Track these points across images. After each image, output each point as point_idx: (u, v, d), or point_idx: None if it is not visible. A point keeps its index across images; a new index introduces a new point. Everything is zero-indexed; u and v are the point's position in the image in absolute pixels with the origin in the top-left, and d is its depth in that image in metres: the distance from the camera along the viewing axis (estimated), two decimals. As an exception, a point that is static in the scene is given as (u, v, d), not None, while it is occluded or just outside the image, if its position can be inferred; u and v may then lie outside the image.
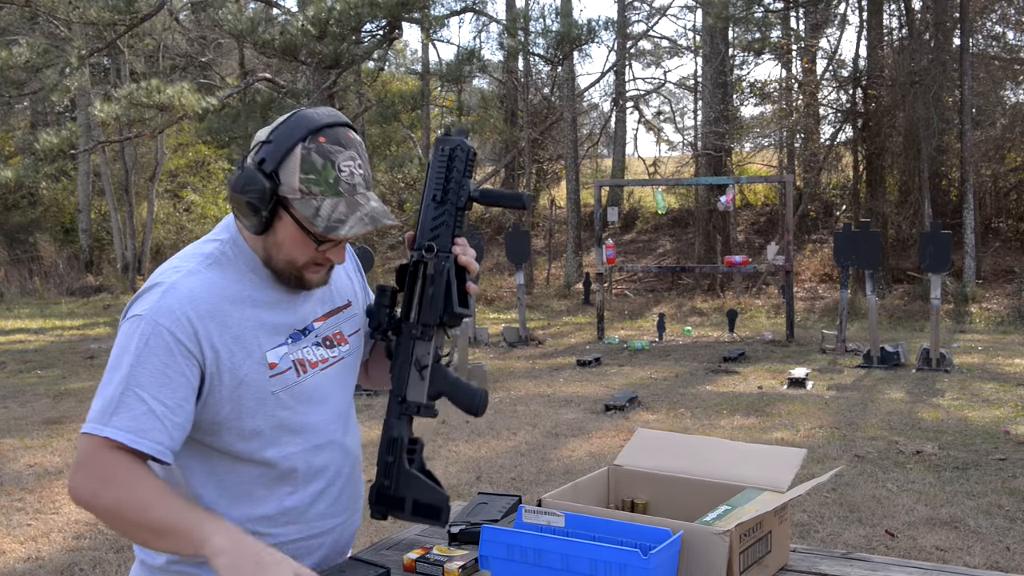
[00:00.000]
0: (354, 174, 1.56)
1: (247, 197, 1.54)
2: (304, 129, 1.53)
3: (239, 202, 1.55)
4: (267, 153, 1.54)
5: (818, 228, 18.22)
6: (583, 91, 23.05)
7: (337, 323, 1.77)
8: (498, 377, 9.33)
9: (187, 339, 1.55)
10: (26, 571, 4.48)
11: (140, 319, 1.55)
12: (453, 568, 1.84)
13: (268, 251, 1.61)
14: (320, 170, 1.53)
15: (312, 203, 1.54)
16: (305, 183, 1.53)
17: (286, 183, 1.54)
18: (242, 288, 1.63)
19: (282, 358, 1.65)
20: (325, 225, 1.54)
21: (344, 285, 1.82)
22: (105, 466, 1.51)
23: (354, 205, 1.55)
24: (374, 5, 12.82)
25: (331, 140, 1.55)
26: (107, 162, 20.31)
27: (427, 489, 1.74)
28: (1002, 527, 4.81)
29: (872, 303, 9.92)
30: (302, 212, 1.54)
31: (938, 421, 7.12)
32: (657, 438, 2.24)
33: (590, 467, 5.78)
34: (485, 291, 16.40)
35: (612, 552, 1.60)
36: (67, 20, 14.11)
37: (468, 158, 1.68)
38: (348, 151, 1.56)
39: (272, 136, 1.55)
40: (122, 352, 1.54)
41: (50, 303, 17.27)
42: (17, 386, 9.46)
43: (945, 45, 15.71)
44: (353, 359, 1.81)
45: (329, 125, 1.56)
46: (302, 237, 1.58)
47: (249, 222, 1.57)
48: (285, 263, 1.61)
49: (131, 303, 1.60)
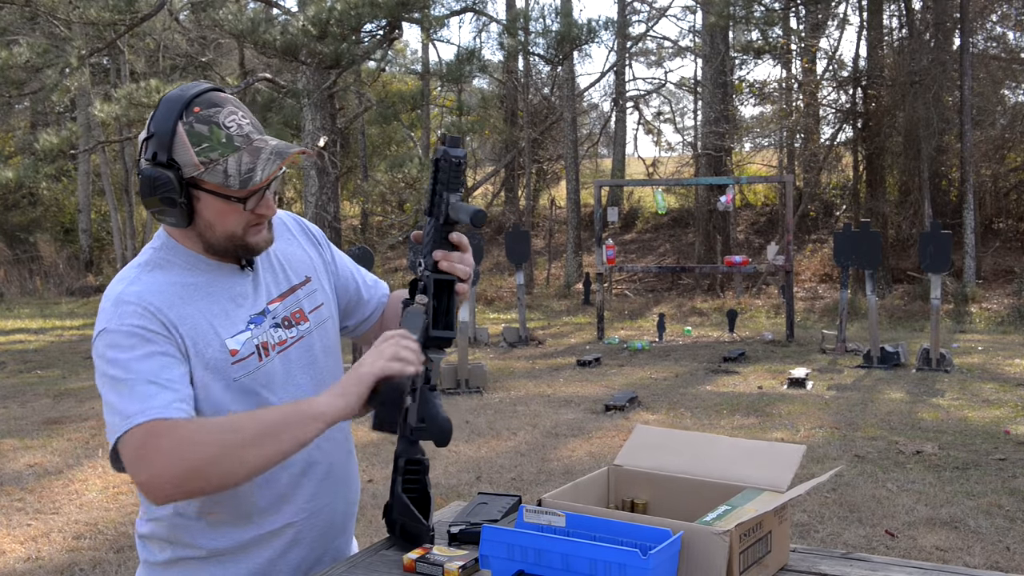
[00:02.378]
0: (241, 125, 1.57)
1: (159, 194, 1.54)
2: (176, 108, 1.54)
3: (155, 204, 1.55)
4: (155, 146, 1.54)
5: (818, 228, 18.22)
6: (583, 91, 23.07)
7: (296, 301, 1.75)
8: (498, 377, 9.34)
9: (157, 327, 1.56)
10: (26, 571, 4.48)
11: (107, 332, 1.55)
12: (453, 568, 1.84)
13: (204, 237, 1.61)
14: (209, 136, 1.53)
15: (218, 168, 1.54)
16: (201, 154, 1.53)
17: (185, 163, 1.54)
18: (189, 282, 1.63)
19: (244, 344, 1.65)
20: (239, 180, 1.54)
21: (301, 261, 1.80)
22: (169, 440, 1.47)
23: (255, 151, 1.56)
24: (374, 5, 12.82)
25: (205, 106, 1.55)
26: (107, 162, 20.32)
27: (412, 517, 1.75)
28: (1002, 527, 4.81)
29: (872, 303, 9.92)
30: (213, 181, 1.54)
31: (938, 421, 7.12)
32: (656, 435, 2.24)
33: (590, 467, 5.78)
34: (485, 291, 16.40)
35: (612, 552, 1.60)
36: (67, 20, 14.11)
37: (451, 168, 1.67)
38: (226, 108, 1.56)
39: (152, 129, 1.55)
40: (109, 366, 1.53)
41: (50, 303, 17.28)
42: (17, 386, 9.47)
43: (945, 45, 15.71)
44: (318, 335, 1.78)
45: (197, 95, 1.56)
46: (226, 206, 1.57)
47: (173, 218, 1.57)
48: (225, 239, 1.61)
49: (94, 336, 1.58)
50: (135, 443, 1.48)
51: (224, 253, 1.64)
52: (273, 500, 1.70)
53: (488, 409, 7.88)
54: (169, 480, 1.47)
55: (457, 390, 8.61)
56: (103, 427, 7.69)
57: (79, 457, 6.52)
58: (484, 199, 22.61)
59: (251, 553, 1.70)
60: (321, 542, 1.79)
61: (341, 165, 19.79)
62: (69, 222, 22.25)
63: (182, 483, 1.48)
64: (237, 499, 1.66)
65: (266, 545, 1.70)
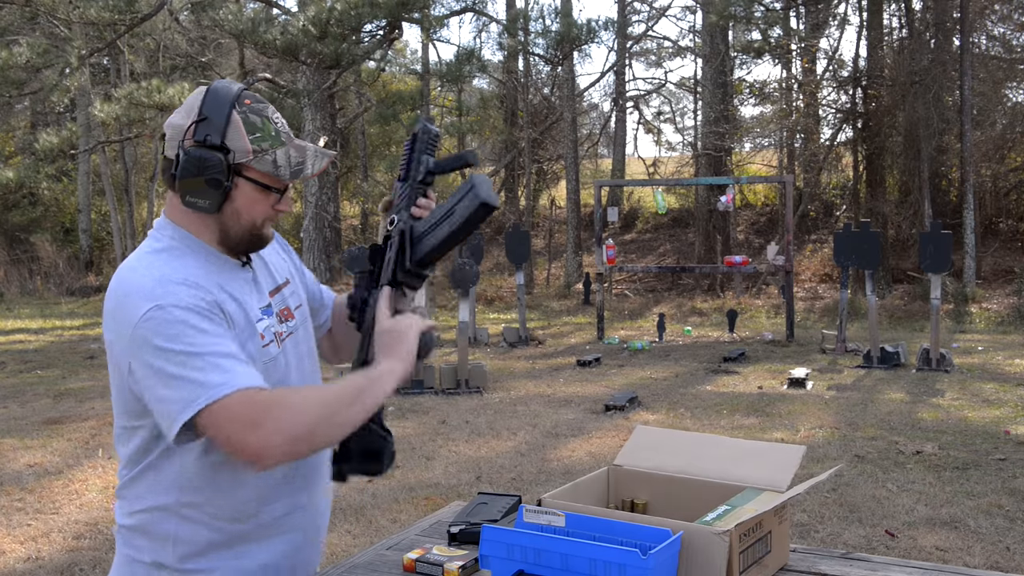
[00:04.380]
0: (284, 124, 1.68)
1: (207, 175, 1.59)
2: (230, 97, 1.61)
3: (196, 184, 1.59)
4: (207, 129, 1.59)
5: (818, 228, 18.22)
6: (583, 91, 23.06)
7: (283, 299, 1.81)
8: (498, 377, 9.34)
9: (211, 305, 1.59)
10: (26, 571, 4.48)
11: (161, 309, 1.54)
12: (453, 568, 1.84)
13: (224, 225, 1.65)
14: (261, 127, 1.62)
15: (267, 158, 1.62)
16: (255, 142, 1.61)
17: (238, 149, 1.60)
18: (212, 270, 1.66)
19: (265, 331, 1.71)
20: (290, 172, 1.64)
21: (280, 263, 1.87)
22: (262, 403, 1.52)
23: (301, 148, 1.66)
24: (374, 5, 12.82)
25: (254, 100, 1.65)
26: (107, 162, 20.31)
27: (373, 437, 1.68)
28: (1002, 527, 4.81)
29: (872, 303, 9.92)
30: (262, 169, 1.62)
31: (938, 421, 7.12)
32: (656, 435, 2.24)
33: (590, 467, 5.78)
34: (485, 291, 16.40)
35: (611, 552, 1.60)
36: (67, 20, 14.11)
37: (429, 139, 1.75)
38: (269, 106, 1.67)
39: (204, 113, 1.60)
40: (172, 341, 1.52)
41: (50, 303, 17.28)
42: (17, 386, 9.47)
43: (945, 45, 15.71)
44: (303, 332, 1.85)
45: (243, 89, 1.65)
46: (258, 196, 1.64)
47: (209, 200, 1.61)
48: (248, 228, 1.66)
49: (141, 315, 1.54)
50: (234, 411, 1.50)
51: (236, 245, 1.68)
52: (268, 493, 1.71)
53: (488, 409, 7.88)
54: (282, 444, 1.51)
55: (457, 390, 8.61)
56: (103, 427, 7.69)
57: (79, 457, 6.52)
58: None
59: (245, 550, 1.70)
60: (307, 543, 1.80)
61: (341, 165, 19.80)
62: (69, 222, 22.25)
63: (293, 446, 1.52)
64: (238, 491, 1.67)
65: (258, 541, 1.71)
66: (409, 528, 2.19)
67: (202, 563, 1.66)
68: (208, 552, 1.67)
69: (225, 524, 1.67)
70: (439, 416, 7.64)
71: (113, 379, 1.66)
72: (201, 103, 1.61)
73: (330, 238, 17.76)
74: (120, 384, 1.62)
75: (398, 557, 2.00)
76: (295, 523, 1.76)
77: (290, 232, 19.17)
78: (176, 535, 1.66)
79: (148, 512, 1.67)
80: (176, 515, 1.65)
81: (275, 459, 1.53)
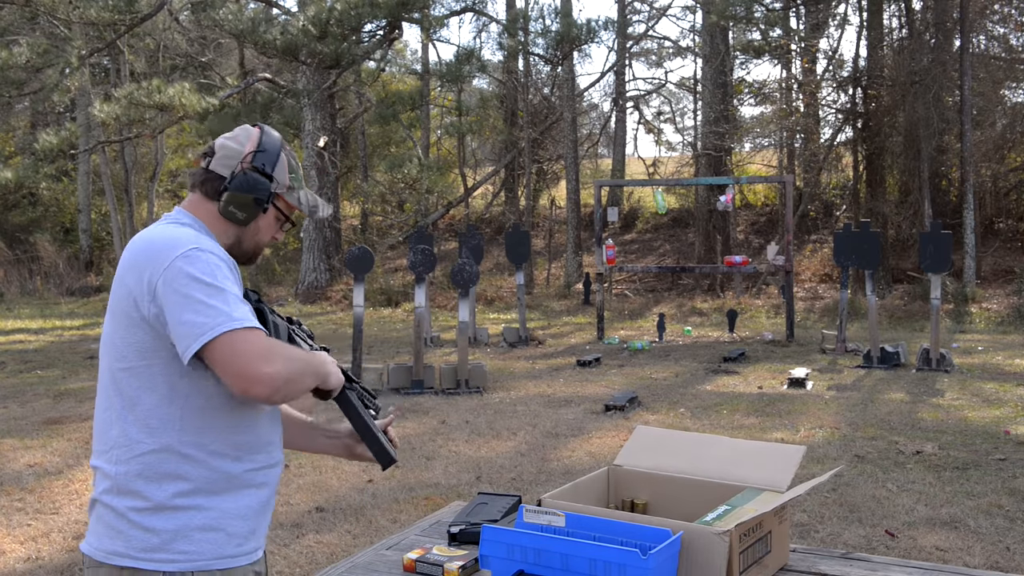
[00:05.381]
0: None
1: (255, 195, 1.90)
2: (279, 141, 1.98)
3: (244, 200, 1.90)
4: (264, 160, 1.93)
5: (818, 228, 18.22)
6: (583, 91, 23.05)
7: None
8: (498, 377, 9.34)
9: (232, 269, 1.84)
10: (26, 571, 4.48)
11: (200, 251, 1.77)
12: (453, 568, 1.84)
13: (241, 237, 1.94)
14: (296, 170, 2.00)
15: (295, 194, 1.99)
16: (291, 180, 1.98)
17: (280, 181, 1.96)
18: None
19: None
20: (309, 209, 2.01)
21: None
22: (271, 344, 1.74)
23: (313, 195, 2.04)
24: (374, 5, 12.82)
25: (288, 149, 2.01)
26: (107, 162, 20.31)
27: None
28: (1002, 527, 4.81)
29: (872, 303, 9.92)
30: (290, 201, 1.98)
31: (938, 421, 7.12)
32: (657, 435, 2.24)
33: (590, 467, 5.78)
34: (485, 291, 16.39)
35: (611, 552, 1.60)
36: (67, 20, 14.10)
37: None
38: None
39: (263, 146, 1.94)
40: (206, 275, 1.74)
41: (50, 303, 17.28)
42: (17, 386, 9.47)
43: (945, 45, 15.71)
44: None
45: (282, 138, 2.01)
46: (275, 222, 1.99)
47: (246, 215, 1.91)
48: (257, 244, 1.98)
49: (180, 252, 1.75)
50: (251, 342, 1.70)
51: (239, 255, 1.95)
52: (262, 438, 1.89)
53: (488, 409, 7.88)
54: (283, 381, 1.71)
55: (457, 390, 8.61)
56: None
57: (79, 457, 6.52)
58: (484, 199, 22.62)
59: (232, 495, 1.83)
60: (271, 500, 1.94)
61: (341, 165, 19.78)
62: (69, 222, 22.24)
63: (287, 386, 1.73)
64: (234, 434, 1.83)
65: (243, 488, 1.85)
66: (409, 528, 2.19)
67: (195, 500, 1.79)
68: (199, 492, 1.80)
69: (221, 463, 1.81)
70: (439, 416, 7.64)
71: (117, 324, 1.81)
72: (259, 138, 1.94)
73: (330, 238, 17.75)
74: (129, 324, 1.78)
75: (398, 557, 2.00)
76: (271, 478, 1.91)
77: (290, 232, 19.13)
78: (176, 472, 1.78)
79: (150, 454, 1.78)
80: (177, 454, 1.79)
81: (277, 393, 1.72)
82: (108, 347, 1.83)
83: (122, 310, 1.79)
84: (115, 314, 1.82)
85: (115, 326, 1.81)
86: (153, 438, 1.78)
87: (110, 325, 1.83)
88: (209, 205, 1.91)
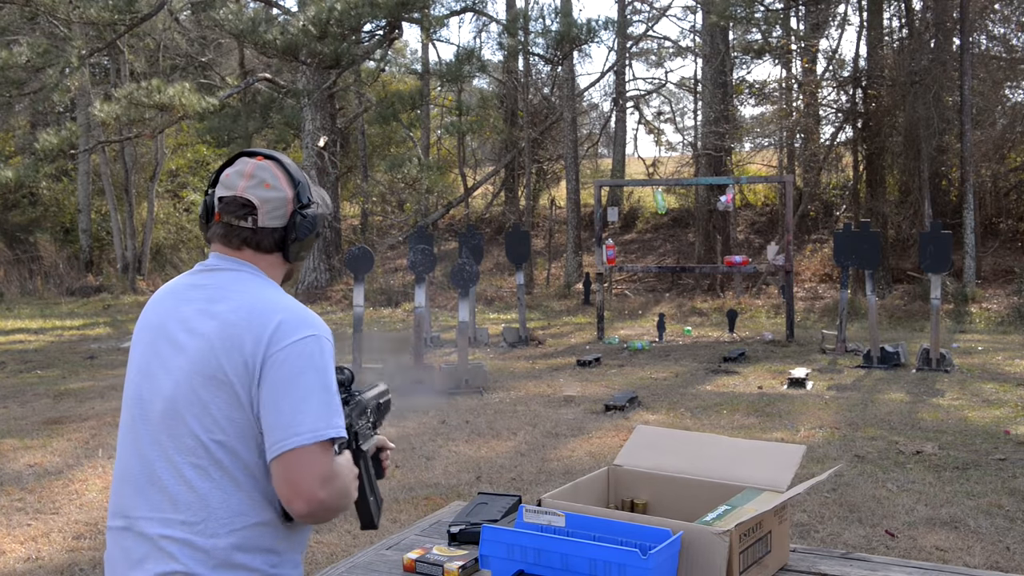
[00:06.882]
0: None
1: (319, 229, 1.89)
2: (294, 162, 1.92)
3: (311, 241, 1.89)
4: (301, 191, 1.87)
5: (818, 228, 18.21)
6: (583, 91, 23.04)
7: None
8: (498, 377, 9.33)
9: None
10: (26, 571, 4.48)
11: (322, 340, 1.74)
12: (453, 568, 1.84)
13: (291, 271, 1.92)
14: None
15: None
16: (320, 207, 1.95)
17: (316, 200, 1.92)
18: None
19: None
20: (327, 206, 1.95)
21: None
22: (338, 469, 1.71)
23: (320, 188, 1.97)
24: (374, 5, 12.82)
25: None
26: (107, 162, 20.30)
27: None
28: (1002, 527, 4.81)
29: (872, 303, 9.92)
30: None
31: (938, 421, 7.12)
32: (657, 435, 2.24)
33: (590, 467, 5.78)
34: (485, 291, 16.39)
35: (611, 552, 1.60)
36: (67, 20, 14.10)
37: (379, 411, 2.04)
38: None
39: (295, 178, 1.87)
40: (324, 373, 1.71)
41: (50, 303, 17.28)
42: (17, 386, 9.46)
43: (945, 45, 15.70)
44: None
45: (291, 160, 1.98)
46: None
47: (309, 251, 1.91)
48: (296, 271, 1.96)
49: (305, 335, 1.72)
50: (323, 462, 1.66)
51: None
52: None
53: (488, 409, 7.87)
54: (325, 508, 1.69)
55: (457, 390, 8.61)
56: (103, 427, 7.67)
57: (79, 457, 6.52)
58: (484, 199, 22.61)
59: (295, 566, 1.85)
60: None
61: (341, 165, 19.78)
62: (69, 222, 22.23)
63: (325, 513, 1.70)
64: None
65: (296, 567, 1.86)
66: (409, 528, 2.19)
67: (283, 571, 1.80)
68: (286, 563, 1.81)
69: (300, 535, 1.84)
70: (439, 416, 7.63)
71: (207, 389, 1.72)
72: (287, 173, 1.86)
73: (330, 238, 17.75)
74: (229, 400, 1.71)
75: (398, 557, 2.00)
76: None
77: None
78: (271, 547, 1.77)
79: (253, 528, 1.75)
80: (275, 528, 1.77)
81: (312, 517, 1.69)
82: (195, 407, 1.73)
83: (214, 378, 1.71)
84: (204, 377, 1.72)
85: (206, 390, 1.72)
86: (256, 512, 1.74)
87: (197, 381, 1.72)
88: (269, 258, 1.86)
